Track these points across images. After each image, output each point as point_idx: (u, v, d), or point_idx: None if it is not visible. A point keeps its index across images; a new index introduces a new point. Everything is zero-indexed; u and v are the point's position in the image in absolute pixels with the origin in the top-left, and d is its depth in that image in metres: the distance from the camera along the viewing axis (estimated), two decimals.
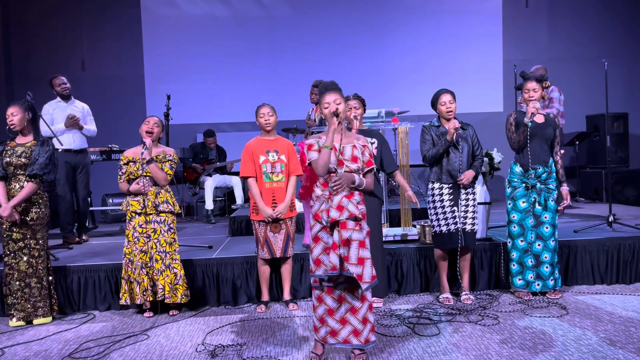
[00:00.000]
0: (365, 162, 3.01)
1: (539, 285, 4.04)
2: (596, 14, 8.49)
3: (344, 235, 2.85)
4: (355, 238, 2.87)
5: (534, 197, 4.00)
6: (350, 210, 2.88)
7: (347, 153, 2.96)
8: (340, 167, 2.94)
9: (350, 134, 3.09)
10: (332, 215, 2.87)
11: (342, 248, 2.86)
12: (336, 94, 2.99)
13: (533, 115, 3.88)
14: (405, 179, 4.74)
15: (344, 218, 2.87)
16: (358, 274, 2.83)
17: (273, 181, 3.97)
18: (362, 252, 2.88)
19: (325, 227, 2.91)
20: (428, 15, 8.38)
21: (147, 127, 3.99)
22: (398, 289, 4.42)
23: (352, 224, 2.89)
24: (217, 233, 5.82)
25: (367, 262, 2.87)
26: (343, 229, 2.86)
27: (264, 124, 4.01)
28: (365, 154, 3.01)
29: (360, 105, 4.01)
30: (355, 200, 2.93)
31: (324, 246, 2.91)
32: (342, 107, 2.98)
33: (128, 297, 3.97)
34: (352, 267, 2.83)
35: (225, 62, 8.21)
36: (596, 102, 8.06)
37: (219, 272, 4.33)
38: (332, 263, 2.85)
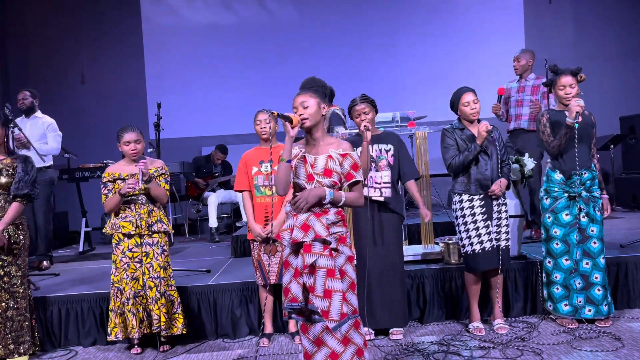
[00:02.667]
0: (345, 174, 2.47)
1: (591, 311, 3.46)
2: (625, 8, 7.91)
3: (306, 260, 2.35)
4: (322, 265, 2.35)
5: (578, 207, 3.44)
6: (316, 231, 2.37)
7: (319, 165, 2.45)
8: (310, 182, 2.44)
9: (332, 140, 2.55)
10: (294, 235, 2.38)
11: (307, 276, 2.36)
12: (306, 94, 2.50)
13: (578, 115, 3.32)
14: (424, 190, 4.23)
15: (308, 240, 2.37)
16: (323, 310, 2.32)
17: (266, 195, 3.49)
18: (331, 282, 2.35)
19: (295, 251, 2.43)
20: (444, 14, 7.88)
21: (130, 149, 3.50)
22: (420, 316, 3.87)
23: (320, 247, 2.38)
24: (219, 254, 5.34)
25: (335, 296, 2.34)
26: (307, 252, 2.36)
27: (260, 132, 3.55)
28: (345, 165, 2.47)
29: (370, 108, 3.50)
30: (326, 219, 2.41)
31: (293, 272, 2.43)
32: (311, 110, 2.46)
33: (120, 332, 3.49)
34: (317, 299, 2.32)
35: (230, 70, 7.80)
36: (630, 101, 7.47)
37: (216, 300, 3.83)
38: (293, 293, 2.36)
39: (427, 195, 4.29)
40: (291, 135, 2.39)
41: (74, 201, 6.12)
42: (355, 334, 2.41)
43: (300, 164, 2.47)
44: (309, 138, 2.52)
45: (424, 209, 3.54)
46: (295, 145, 2.54)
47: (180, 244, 6.30)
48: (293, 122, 2.40)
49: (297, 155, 2.49)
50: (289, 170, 2.43)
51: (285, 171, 2.42)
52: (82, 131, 7.76)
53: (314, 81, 2.59)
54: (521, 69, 5.17)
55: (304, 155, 2.47)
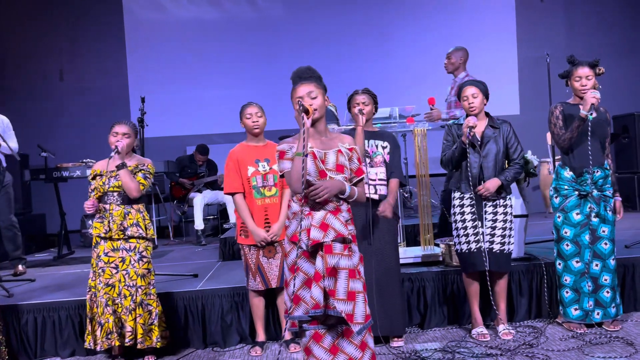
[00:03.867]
0: (354, 170, 2.34)
1: (599, 314, 3.30)
2: (617, 7, 7.85)
3: (329, 262, 2.16)
4: (343, 266, 2.19)
5: (589, 206, 3.27)
6: (337, 230, 2.20)
7: (330, 161, 2.29)
8: (322, 179, 2.26)
9: (335, 135, 2.40)
10: (313, 236, 2.18)
11: (327, 279, 2.17)
12: (311, 84, 2.33)
13: (593, 107, 3.15)
14: (424, 189, 4.05)
15: (329, 240, 2.19)
16: (348, 313, 2.15)
17: (265, 196, 3.26)
18: (353, 284, 2.19)
19: (306, 253, 2.23)
20: (436, 12, 7.73)
21: (114, 141, 3.25)
22: (421, 321, 3.68)
23: (340, 247, 2.21)
24: (206, 257, 5.09)
25: (359, 297, 2.18)
26: (328, 253, 2.18)
27: (251, 126, 3.29)
28: (354, 159, 2.34)
29: (370, 101, 3.33)
30: (343, 217, 2.26)
31: (304, 278, 2.23)
32: (319, 101, 2.30)
33: (92, 340, 3.23)
34: (340, 303, 2.15)
35: (216, 68, 7.55)
36: (623, 101, 7.39)
37: (204, 307, 3.59)
38: (315, 299, 2.15)
39: (427, 195, 4.11)
40: (308, 127, 2.21)
41: (52, 202, 5.82)
42: (370, 338, 2.27)
43: (309, 160, 2.27)
44: (314, 132, 2.33)
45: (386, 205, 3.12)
46: (291, 140, 2.35)
47: (164, 247, 6.03)
48: (309, 113, 2.23)
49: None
50: (305, 164, 2.21)
51: (302, 166, 2.20)
52: (61, 129, 7.44)
53: (311, 71, 2.38)
54: (452, 67, 4.78)
55: (312, 150, 2.28)
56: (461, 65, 4.74)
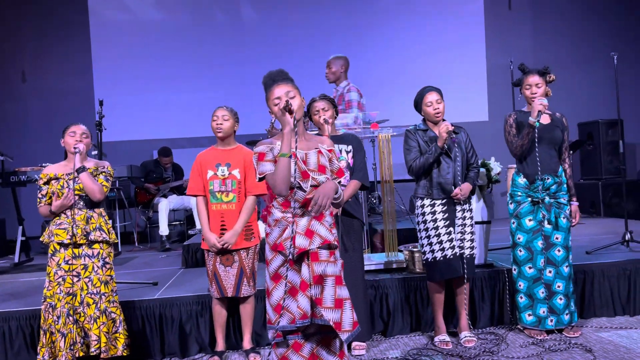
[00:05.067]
0: (335, 170, 2.31)
1: (552, 321, 3.31)
2: (582, 16, 8.01)
3: (316, 270, 2.11)
4: (330, 273, 2.14)
5: (542, 213, 3.29)
6: (322, 236, 2.15)
7: (311, 161, 2.24)
8: (305, 180, 2.20)
9: (311, 136, 2.37)
10: (299, 243, 2.13)
11: (314, 287, 2.11)
12: (287, 85, 2.28)
13: (540, 114, 3.19)
14: (389, 195, 4.03)
15: (315, 247, 2.13)
16: (336, 321, 2.10)
17: (222, 202, 3.19)
18: (340, 291, 2.15)
19: (290, 261, 2.16)
20: (405, 18, 7.76)
21: (72, 141, 3.15)
22: (384, 329, 3.65)
23: (326, 254, 2.16)
24: (169, 264, 4.97)
25: (346, 304, 2.15)
26: (314, 261, 2.12)
27: (214, 129, 3.24)
28: (334, 160, 2.32)
29: (329, 106, 3.28)
30: (327, 222, 2.22)
31: (289, 287, 2.16)
32: (298, 101, 2.26)
33: (47, 352, 3.09)
34: (328, 312, 2.10)
35: (184, 71, 7.42)
36: (588, 108, 7.53)
37: (162, 316, 3.50)
38: (303, 309, 2.09)
39: (392, 201, 4.09)
40: (292, 127, 2.16)
41: (11, 207, 5.63)
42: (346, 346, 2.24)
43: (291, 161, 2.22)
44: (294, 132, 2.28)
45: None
46: (268, 141, 2.30)
47: (128, 254, 5.88)
48: (292, 113, 2.19)
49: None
50: (290, 166, 2.17)
51: (287, 168, 2.15)
52: (22, 132, 7.23)
53: (284, 73, 2.34)
54: (333, 76, 4.65)
55: (293, 151, 2.22)
56: (342, 75, 4.63)
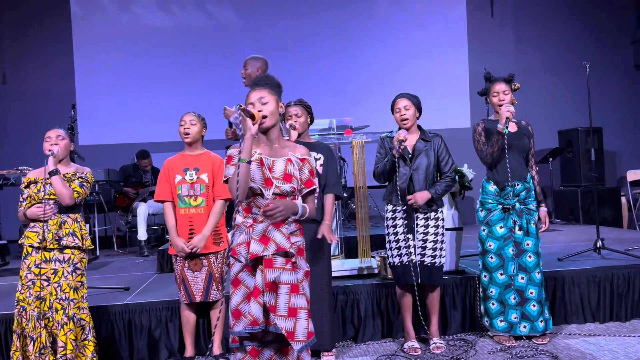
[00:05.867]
0: (304, 180, 2.27)
1: (526, 327, 3.32)
2: (564, 23, 8.10)
3: (268, 277, 2.10)
4: (285, 281, 2.13)
5: (513, 220, 3.31)
6: (278, 243, 2.14)
7: (277, 169, 2.22)
8: (268, 187, 2.19)
9: (288, 143, 2.35)
10: (252, 249, 2.12)
11: (268, 294, 2.10)
12: (264, 90, 2.26)
13: (508, 121, 3.22)
14: (362, 200, 4.04)
15: (269, 253, 2.12)
16: (288, 330, 2.09)
17: (190, 206, 3.19)
18: (295, 299, 2.13)
19: (248, 266, 2.17)
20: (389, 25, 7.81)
21: (48, 145, 3.14)
22: (355, 335, 3.64)
23: (281, 261, 2.15)
24: (144, 269, 4.94)
25: (301, 314, 2.12)
26: (268, 268, 2.12)
27: (182, 133, 3.25)
28: (305, 170, 2.28)
29: (303, 112, 3.28)
30: (287, 229, 2.19)
31: (246, 292, 2.16)
32: (270, 107, 2.24)
33: (20, 356, 3.06)
34: (281, 320, 2.09)
35: (167, 75, 7.41)
36: (568, 115, 7.60)
37: (131, 321, 3.48)
38: (253, 315, 2.09)
39: (365, 207, 4.10)
40: (252, 133, 2.15)
41: None
42: (307, 356, 2.21)
43: (256, 167, 2.21)
44: (265, 139, 2.28)
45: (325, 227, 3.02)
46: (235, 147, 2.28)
47: (106, 258, 5.85)
48: (255, 119, 2.16)
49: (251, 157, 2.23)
50: (249, 172, 2.16)
51: (246, 173, 2.14)
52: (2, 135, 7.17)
53: (269, 78, 2.34)
54: (248, 78, 4.39)
55: (260, 157, 2.22)
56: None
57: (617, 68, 8.19)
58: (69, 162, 3.23)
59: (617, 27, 8.20)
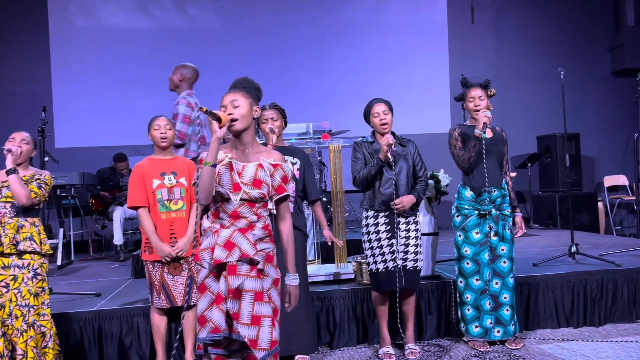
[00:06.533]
0: (275, 187, 2.21)
1: (500, 332, 3.33)
2: (543, 30, 8.20)
3: (231, 284, 2.06)
4: (249, 288, 2.09)
5: (489, 225, 3.32)
6: (242, 250, 2.09)
7: (247, 174, 2.17)
8: (236, 192, 2.15)
9: (262, 148, 2.29)
10: (216, 255, 2.08)
11: (231, 301, 2.07)
12: (237, 93, 2.21)
13: (485, 126, 3.23)
14: (339, 207, 4.02)
15: (233, 260, 2.08)
16: (251, 338, 2.05)
17: (171, 210, 3.14)
18: (259, 307, 2.09)
19: (214, 272, 2.13)
20: (370, 30, 7.83)
21: (10, 144, 3.08)
22: (330, 341, 3.61)
23: (246, 268, 2.10)
24: (119, 274, 4.86)
25: (264, 322, 2.08)
26: (231, 274, 2.08)
27: (158, 138, 3.19)
28: (276, 176, 2.22)
29: (278, 116, 3.26)
30: (253, 235, 2.14)
31: (212, 298, 2.12)
32: (242, 111, 2.18)
33: None
34: (243, 328, 2.05)
35: (145, 77, 7.32)
36: (547, 121, 7.67)
37: (101, 328, 3.40)
38: (214, 323, 2.06)
39: (341, 212, 4.08)
40: (218, 136, 2.09)
41: None
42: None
43: (225, 171, 2.16)
44: (237, 143, 2.23)
45: (328, 234, 3.36)
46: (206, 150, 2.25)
47: (81, 263, 5.75)
48: (221, 122, 2.10)
49: (222, 160, 2.18)
50: (214, 176, 2.11)
51: (210, 177, 2.08)
52: None
53: (247, 81, 2.30)
54: (172, 84, 4.33)
55: (230, 162, 2.17)
56: (182, 84, 4.31)
57: (595, 74, 8.30)
58: (27, 166, 3.16)
59: (595, 34, 8.32)
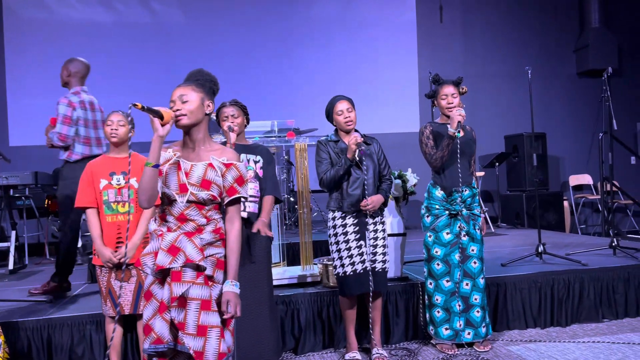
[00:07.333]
0: (227, 188, 2.05)
1: (470, 334, 3.27)
2: (511, 31, 8.25)
3: (174, 291, 1.92)
4: (194, 296, 1.94)
5: (460, 225, 3.25)
6: (188, 255, 1.94)
7: (195, 174, 2.02)
8: (183, 193, 2.00)
9: (216, 147, 2.13)
10: (159, 260, 1.94)
11: (176, 310, 1.92)
12: (187, 87, 2.05)
13: (460, 125, 3.14)
14: (305, 207, 3.90)
15: (177, 266, 1.93)
16: (196, 350, 1.90)
17: (118, 213, 2.96)
18: (206, 317, 1.94)
19: (159, 278, 1.99)
20: (339, 28, 7.73)
21: None
22: (295, 346, 3.49)
23: (192, 274, 1.95)
24: (75, 279, 4.59)
25: (212, 333, 1.93)
26: (175, 281, 1.93)
27: (109, 134, 3.01)
28: (228, 177, 2.05)
29: (239, 113, 3.10)
30: (201, 239, 1.99)
31: (157, 306, 1.98)
32: (191, 106, 2.02)
33: None
34: (189, 338, 1.91)
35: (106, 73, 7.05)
36: (515, 121, 7.72)
37: (51, 337, 3.20)
38: (157, 333, 1.92)
39: (308, 212, 3.96)
40: (160, 135, 1.92)
41: None
42: None
43: (172, 171, 2.00)
44: (187, 140, 2.07)
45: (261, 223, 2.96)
46: (168, 147, 2.09)
47: (36, 267, 5.48)
48: (164, 119, 1.93)
49: (169, 160, 2.03)
50: (156, 177, 1.95)
51: (151, 179, 1.94)
52: None
53: (200, 73, 2.12)
54: (61, 81, 4.03)
55: (177, 161, 2.01)
56: (72, 81, 4.01)
57: (561, 75, 8.41)
58: None
59: (561, 35, 8.42)
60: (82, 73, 4.06)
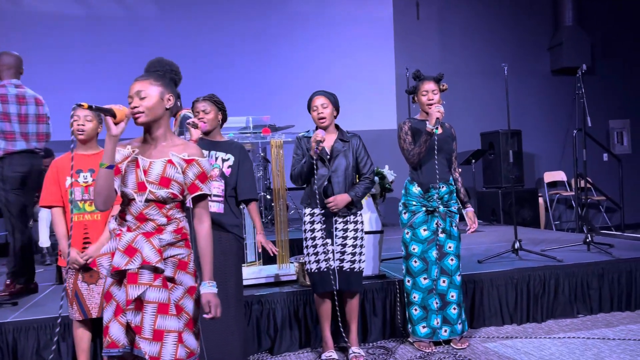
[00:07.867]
0: (188, 185, 1.97)
1: (447, 331, 3.25)
2: (486, 28, 8.30)
3: (130, 294, 1.84)
4: (151, 299, 1.86)
5: (436, 222, 3.22)
6: (144, 256, 1.86)
7: (154, 172, 1.93)
8: (141, 192, 1.91)
9: (178, 142, 2.03)
10: (115, 261, 1.86)
11: (132, 313, 1.86)
12: (145, 81, 1.95)
13: (438, 122, 3.12)
14: (280, 206, 3.83)
15: (134, 267, 1.86)
16: (152, 355, 1.83)
17: (85, 212, 2.85)
18: (163, 321, 1.87)
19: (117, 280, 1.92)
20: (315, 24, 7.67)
21: None
22: (271, 347, 3.43)
23: (149, 276, 1.88)
24: (43, 280, 4.47)
25: (168, 338, 1.86)
26: (131, 283, 1.86)
27: (75, 130, 2.88)
28: (189, 174, 1.96)
29: (212, 108, 3.00)
30: (160, 240, 1.91)
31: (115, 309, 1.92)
32: (149, 102, 1.93)
33: None
34: (145, 343, 1.84)
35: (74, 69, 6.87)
36: (490, 118, 7.76)
37: (16, 342, 3.08)
38: (112, 337, 1.86)
39: (284, 210, 3.90)
40: (113, 134, 1.84)
41: None
42: None
43: (130, 169, 1.92)
44: (147, 137, 1.98)
45: (263, 240, 3.04)
46: (128, 143, 2.00)
47: (1, 268, 5.29)
48: (117, 117, 1.85)
49: (128, 157, 1.94)
50: (111, 178, 1.88)
51: (106, 180, 1.86)
52: None
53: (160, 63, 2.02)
54: None
55: (136, 158, 1.93)
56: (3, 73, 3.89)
57: (535, 73, 8.49)
58: None
59: (535, 33, 8.50)
60: (13, 67, 3.91)
